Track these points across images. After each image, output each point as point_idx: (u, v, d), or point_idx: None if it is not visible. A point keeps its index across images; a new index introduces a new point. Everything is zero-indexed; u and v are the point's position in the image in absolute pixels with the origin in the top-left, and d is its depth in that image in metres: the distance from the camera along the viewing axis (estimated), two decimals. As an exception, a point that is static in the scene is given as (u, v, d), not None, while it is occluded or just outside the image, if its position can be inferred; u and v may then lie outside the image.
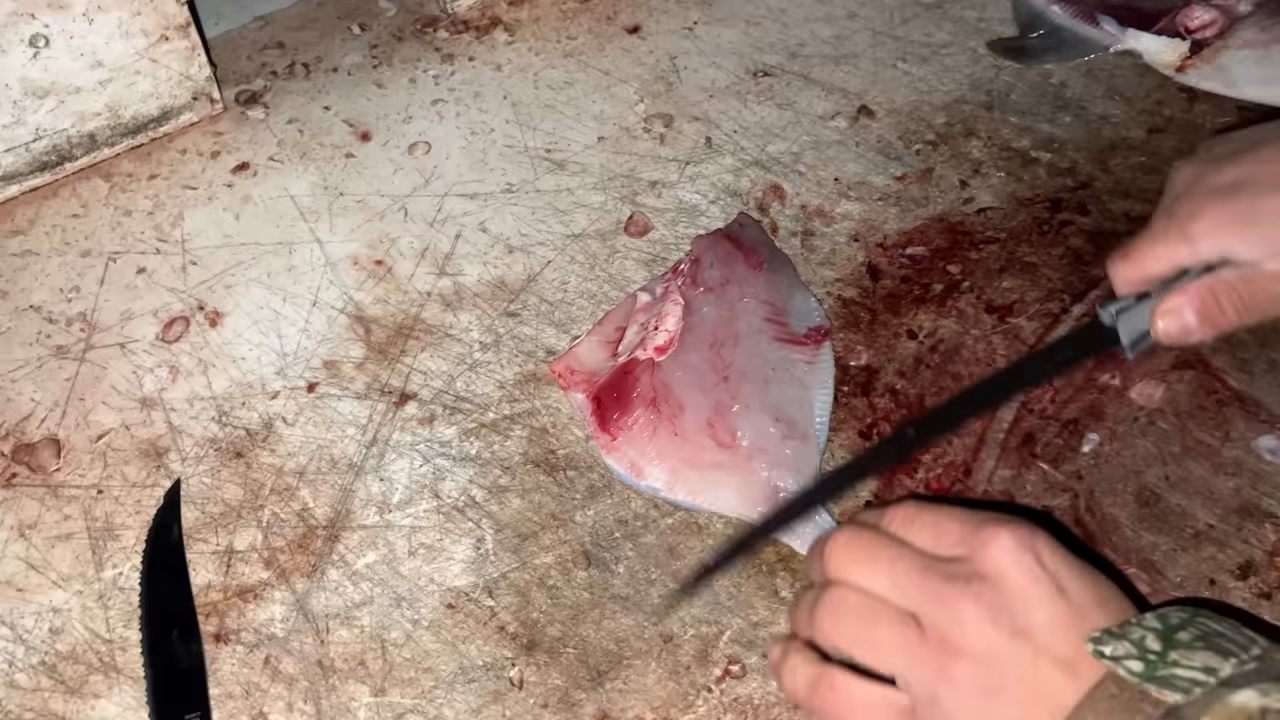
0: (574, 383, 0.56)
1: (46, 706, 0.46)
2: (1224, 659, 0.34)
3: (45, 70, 0.62)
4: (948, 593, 0.38)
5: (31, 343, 0.59)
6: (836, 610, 0.40)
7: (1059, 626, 0.37)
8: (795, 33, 0.77)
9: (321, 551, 0.51)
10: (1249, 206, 0.46)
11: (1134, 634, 0.36)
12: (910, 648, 0.38)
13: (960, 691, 0.37)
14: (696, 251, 0.59)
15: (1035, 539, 0.39)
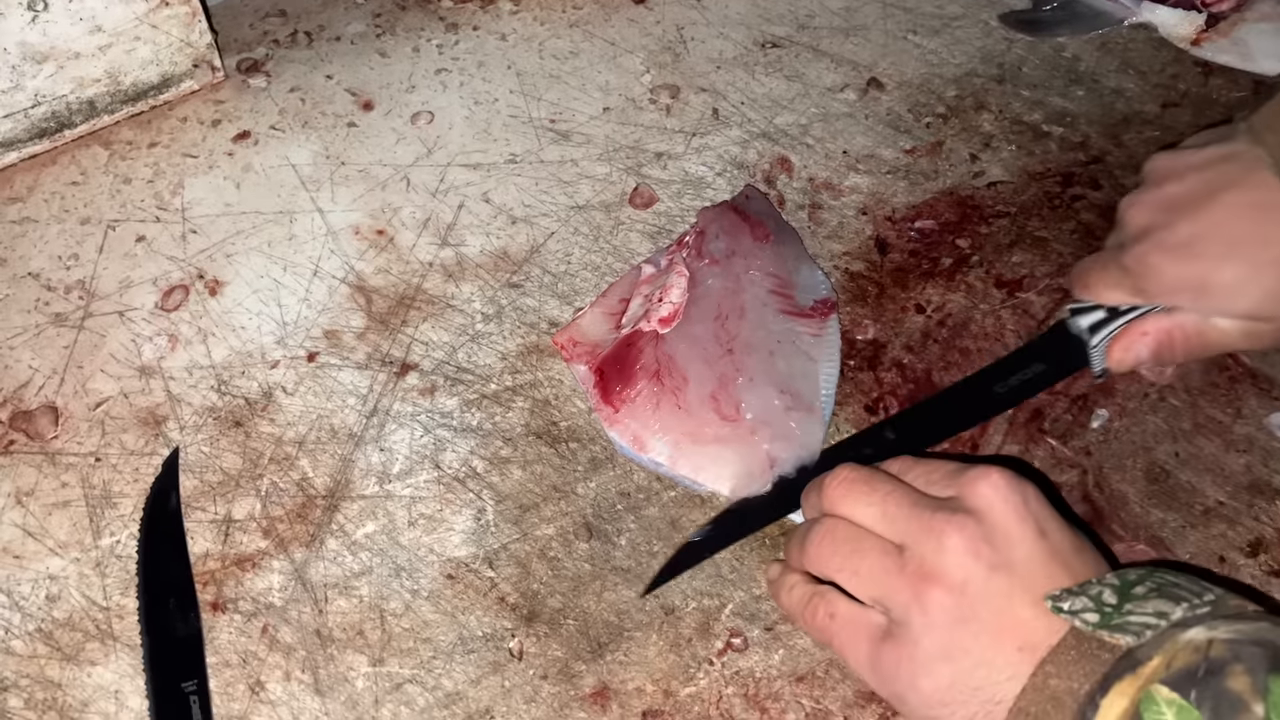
0: (577, 354, 0.55)
1: (43, 673, 0.46)
2: (1176, 604, 0.36)
3: (44, 35, 0.62)
4: (934, 523, 0.40)
5: (30, 310, 0.59)
6: (826, 539, 0.43)
7: (1037, 564, 0.39)
8: (804, 4, 0.76)
9: (320, 521, 0.51)
10: (1201, 276, 0.49)
11: (1092, 590, 0.37)
12: (891, 573, 0.40)
13: (931, 617, 0.39)
14: (702, 223, 0.58)
15: (1024, 485, 0.40)
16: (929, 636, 0.39)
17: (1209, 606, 0.36)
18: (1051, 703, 0.36)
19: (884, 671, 0.40)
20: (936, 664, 0.39)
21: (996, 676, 0.38)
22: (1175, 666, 0.33)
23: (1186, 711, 0.32)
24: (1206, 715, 0.32)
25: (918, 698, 0.39)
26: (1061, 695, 0.36)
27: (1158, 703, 0.33)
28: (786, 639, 0.47)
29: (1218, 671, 0.33)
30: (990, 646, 0.38)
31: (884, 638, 0.40)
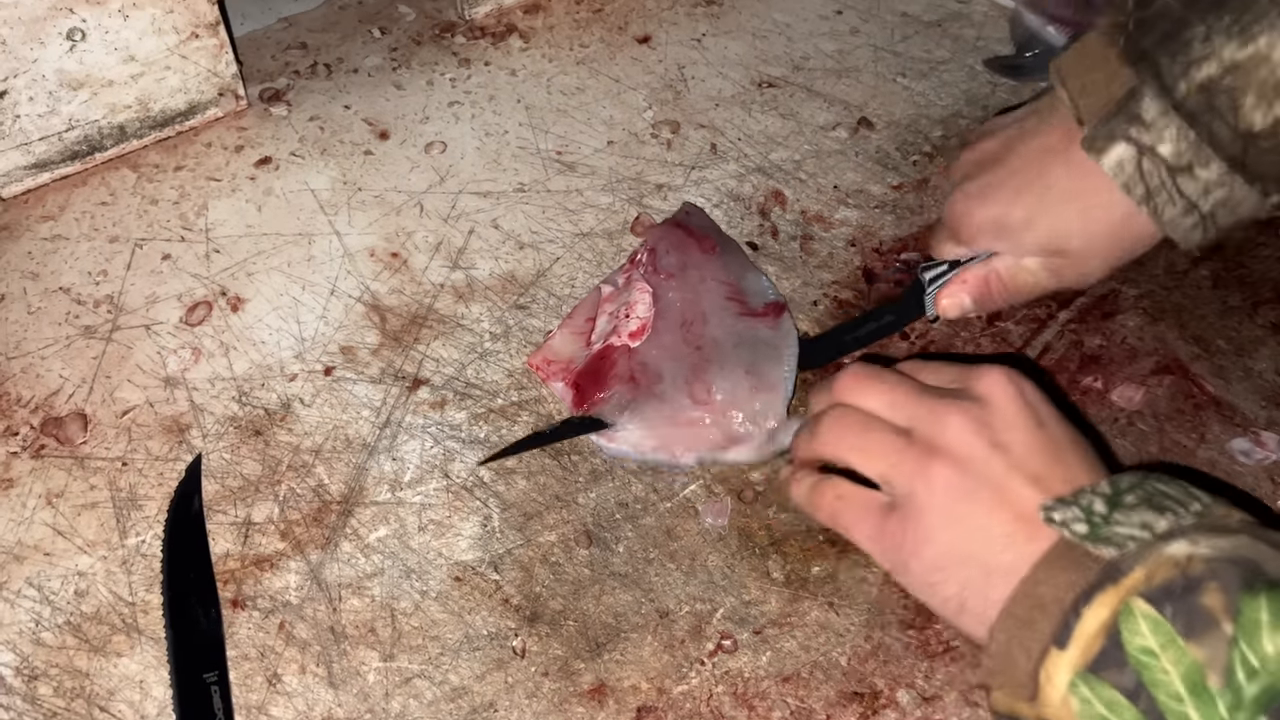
0: (552, 373, 0.59)
1: (71, 663, 0.49)
2: (1161, 515, 0.37)
3: (80, 63, 0.65)
4: (939, 407, 0.42)
5: (61, 322, 0.62)
6: (836, 424, 0.45)
7: (1034, 448, 0.41)
8: (800, 46, 0.80)
9: (335, 525, 0.54)
10: (997, 217, 0.53)
11: (1084, 500, 0.39)
12: (897, 451, 0.43)
13: (935, 488, 0.41)
14: (651, 241, 0.62)
15: (1024, 379, 0.43)
16: (932, 506, 0.41)
17: (1195, 518, 0.37)
18: (1038, 609, 0.37)
19: (888, 541, 0.42)
20: (938, 531, 0.41)
21: (993, 545, 0.40)
22: (1155, 581, 0.35)
23: (1160, 625, 0.34)
24: (1179, 630, 0.34)
25: (919, 564, 0.41)
26: (1048, 602, 0.37)
27: (1135, 616, 0.34)
28: (774, 642, 0.50)
29: (1193, 588, 0.34)
30: (988, 516, 0.40)
31: (889, 511, 0.43)
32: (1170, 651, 0.34)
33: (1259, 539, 0.36)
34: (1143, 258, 0.65)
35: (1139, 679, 0.34)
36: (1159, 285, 0.64)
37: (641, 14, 0.82)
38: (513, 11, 0.82)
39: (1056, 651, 0.36)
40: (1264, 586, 0.33)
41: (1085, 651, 0.35)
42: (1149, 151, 0.47)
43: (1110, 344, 0.61)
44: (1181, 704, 0.33)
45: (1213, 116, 0.45)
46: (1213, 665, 0.33)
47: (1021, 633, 0.38)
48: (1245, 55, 0.43)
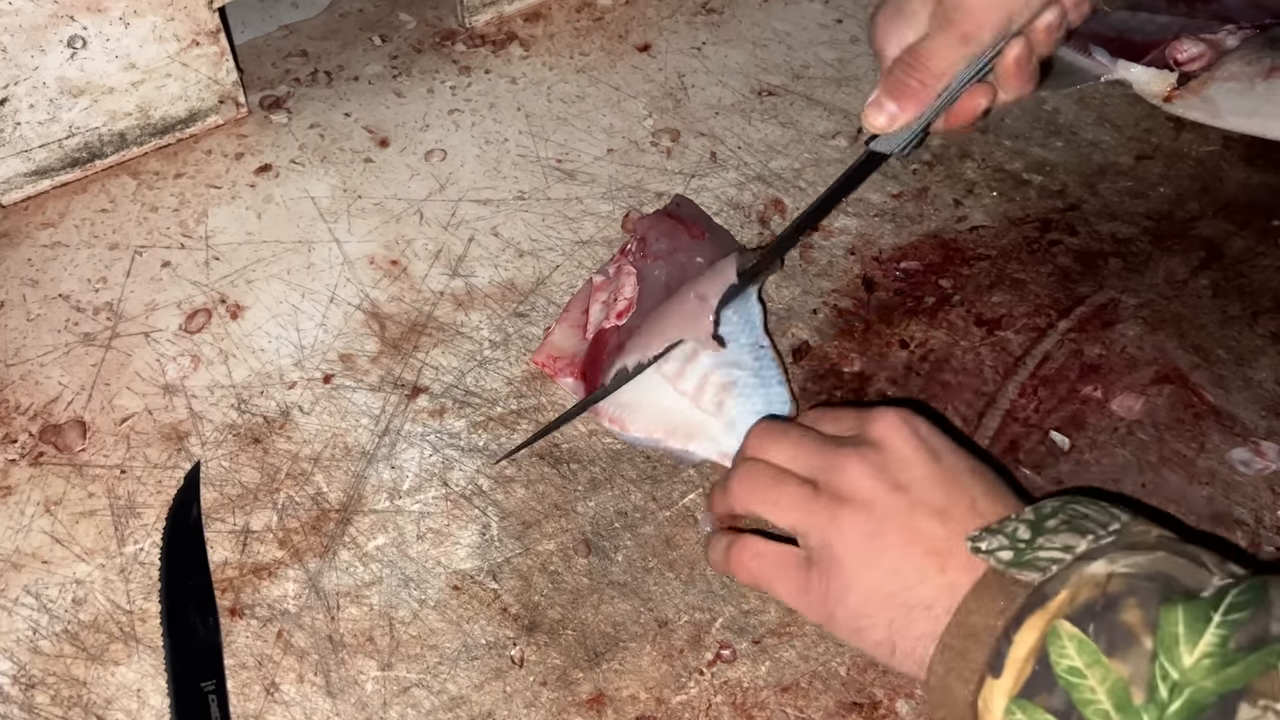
0: (558, 369, 0.59)
1: (68, 672, 0.49)
2: (1082, 537, 0.39)
3: (81, 70, 0.65)
4: (839, 456, 0.44)
5: (60, 329, 0.62)
6: (746, 478, 0.47)
7: (934, 483, 0.43)
8: (800, 55, 0.80)
9: (333, 533, 0.53)
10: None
11: (1008, 527, 0.40)
12: (806, 503, 0.44)
13: (847, 535, 0.43)
14: (641, 231, 0.63)
15: (916, 419, 0.45)
16: (847, 555, 0.43)
17: (1113, 536, 0.39)
18: (972, 638, 0.39)
19: (812, 595, 0.44)
20: (856, 578, 0.43)
21: (908, 581, 0.41)
22: (1077, 601, 0.36)
23: (1085, 644, 0.35)
24: (1102, 648, 0.35)
25: (845, 612, 0.43)
26: (980, 631, 0.38)
27: (1061, 637, 0.36)
28: (773, 652, 0.50)
29: (1113, 605, 0.35)
30: (900, 555, 0.42)
31: (808, 565, 0.44)
32: (1096, 670, 0.35)
33: (1174, 553, 0.37)
34: (1142, 268, 0.65)
35: (1069, 699, 0.35)
36: (1159, 295, 0.64)
37: (642, 22, 0.82)
38: (513, 19, 0.82)
39: (991, 680, 0.37)
40: (1180, 599, 0.34)
41: (1018, 677, 0.36)
42: None
43: (1110, 353, 0.61)
44: (1100, 711, 0.34)
45: None
46: (1136, 681, 0.34)
47: (957, 663, 0.39)
48: None
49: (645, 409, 0.56)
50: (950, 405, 0.59)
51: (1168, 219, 0.68)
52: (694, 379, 0.56)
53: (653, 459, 0.57)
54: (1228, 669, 0.33)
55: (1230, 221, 0.68)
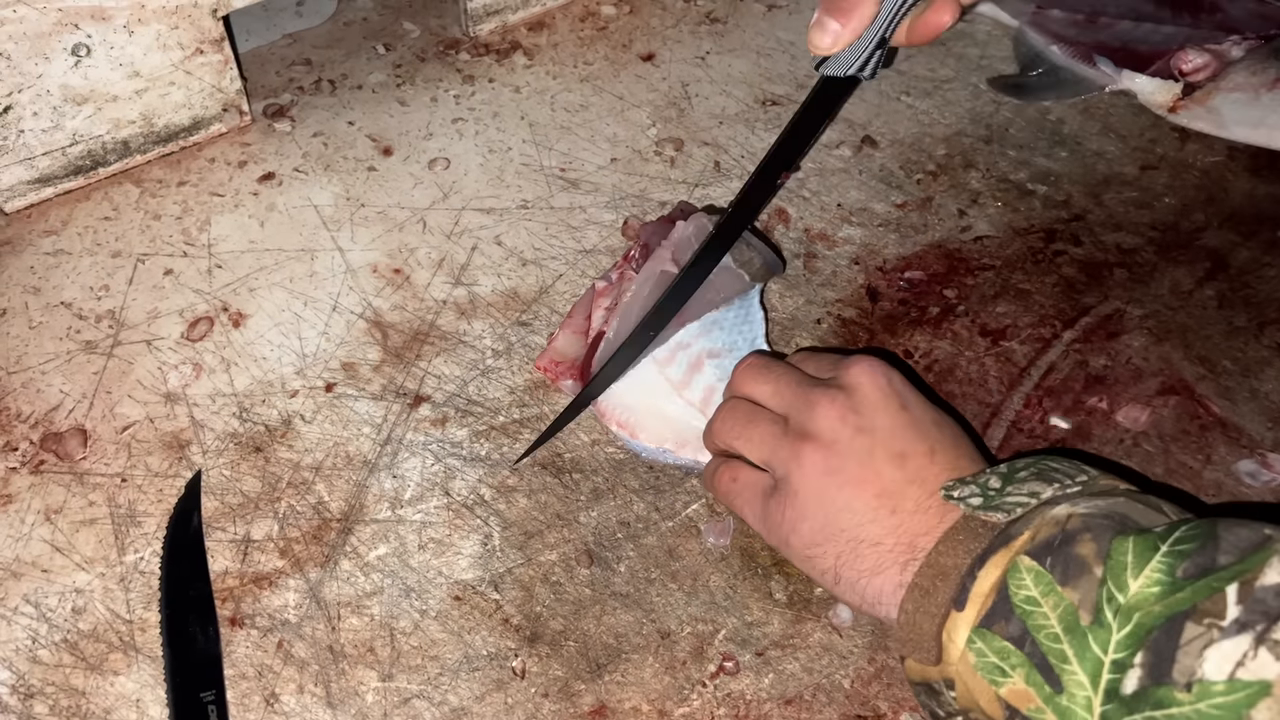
0: (560, 373, 0.59)
1: (67, 681, 0.48)
2: (1049, 485, 0.41)
3: (85, 78, 0.65)
4: (811, 395, 0.47)
5: (62, 337, 0.62)
6: (728, 414, 0.51)
7: (897, 429, 0.45)
8: (803, 64, 0.80)
9: (335, 543, 0.53)
10: None
11: (981, 479, 0.42)
12: (775, 439, 0.47)
13: (806, 469, 0.45)
14: (644, 237, 0.62)
15: (891, 370, 0.47)
16: (805, 487, 0.45)
17: (1080, 486, 0.40)
18: (940, 577, 0.41)
19: (770, 521, 0.47)
20: (811, 509, 0.45)
21: (859, 519, 0.44)
22: (1038, 538, 0.38)
23: (1041, 576, 0.37)
24: (1057, 578, 0.37)
25: (797, 540, 0.46)
26: (948, 569, 0.41)
27: (1020, 570, 0.38)
28: (776, 664, 0.49)
29: (1070, 540, 0.37)
30: (854, 495, 0.44)
31: (771, 493, 0.47)
32: (1050, 598, 0.37)
33: (1135, 500, 0.39)
34: (1147, 279, 0.65)
35: (1024, 626, 0.37)
36: (1164, 305, 0.64)
37: (646, 32, 0.82)
38: (517, 29, 0.82)
39: (956, 613, 0.39)
40: (1132, 533, 0.36)
41: (980, 609, 0.39)
42: None
43: (1115, 364, 0.61)
44: (1059, 643, 0.36)
45: None
46: (1084, 605, 0.36)
47: (925, 601, 0.41)
48: None
49: (652, 418, 0.56)
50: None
51: (1173, 229, 0.68)
52: (700, 389, 0.56)
53: (656, 469, 0.56)
54: (1176, 594, 0.34)
55: (1236, 232, 0.68)
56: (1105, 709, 0.34)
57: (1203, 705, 0.32)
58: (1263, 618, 0.32)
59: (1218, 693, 0.31)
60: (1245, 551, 0.34)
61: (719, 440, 0.51)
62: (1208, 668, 0.32)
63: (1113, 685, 0.34)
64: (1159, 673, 0.33)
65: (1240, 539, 0.34)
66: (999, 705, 0.38)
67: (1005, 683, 0.37)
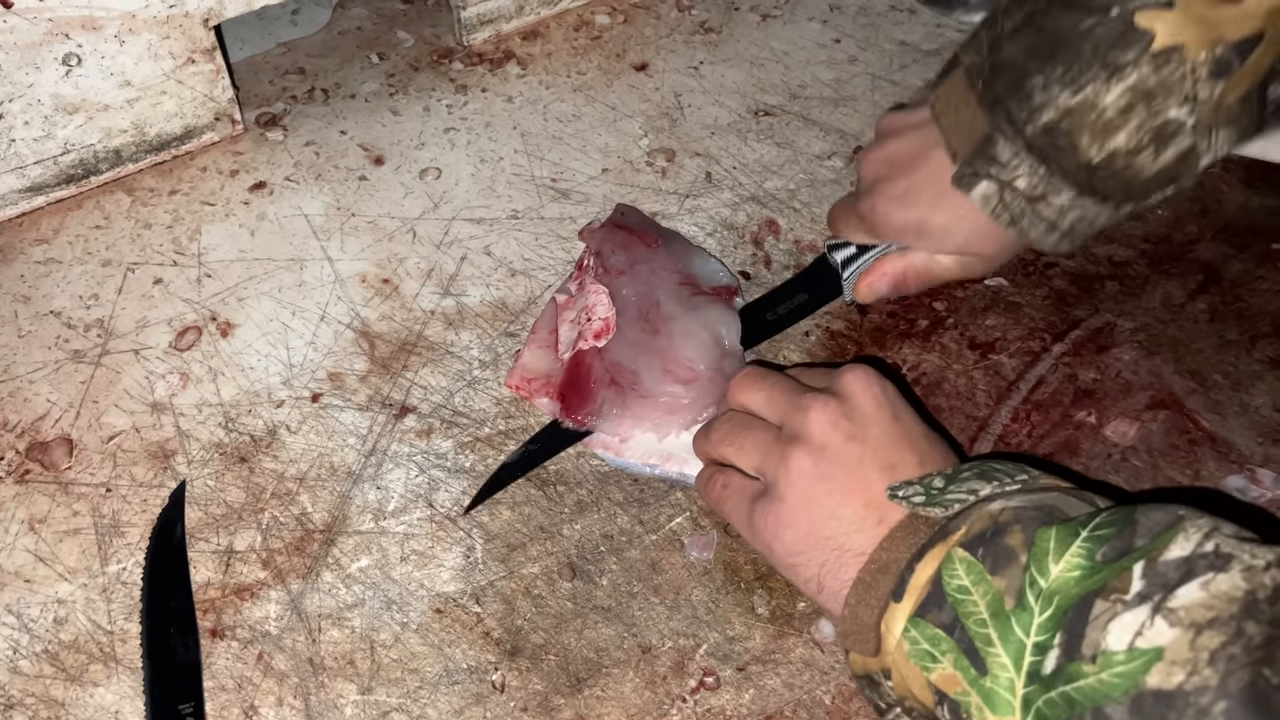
0: (534, 390, 0.59)
1: (47, 693, 0.48)
2: (988, 483, 0.41)
3: (76, 88, 0.65)
4: (803, 401, 0.47)
5: (50, 346, 0.62)
6: (721, 423, 0.51)
7: (888, 440, 0.45)
8: (797, 75, 0.79)
9: (317, 554, 0.53)
10: (919, 221, 0.56)
11: (926, 480, 0.43)
12: (766, 445, 0.47)
13: (793, 474, 0.45)
14: (595, 245, 0.63)
15: (884, 380, 0.48)
16: (791, 492, 0.45)
17: (1019, 485, 0.41)
18: (882, 571, 0.42)
19: (756, 525, 0.47)
20: (797, 516, 0.45)
21: (846, 528, 0.44)
22: (972, 532, 0.39)
23: (974, 566, 0.38)
24: (988, 567, 0.38)
25: (781, 546, 0.46)
26: (889, 564, 0.42)
27: (954, 561, 0.39)
28: (757, 679, 0.49)
29: (1001, 531, 0.38)
30: (841, 502, 0.44)
31: (758, 497, 0.47)
32: (980, 586, 0.38)
33: (1069, 494, 0.40)
34: (1138, 292, 0.65)
35: (955, 614, 0.38)
36: (1155, 319, 0.63)
37: (639, 42, 0.82)
38: (511, 38, 0.82)
39: (894, 605, 0.40)
40: (1058, 523, 0.37)
41: (916, 600, 0.39)
42: (1008, 186, 0.52)
43: (1105, 378, 0.61)
44: (985, 628, 0.37)
45: (1057, 153, 0.50)
46: (1009, 591, 0.37)
47: (867, 594, 0.42)
48: (1077, 102, 0.48)
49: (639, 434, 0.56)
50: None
51: (1165, 242, 0.68)
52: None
53: (640, 482, 0.56)
54: (1093, 577, 0.35)
55: (1228, 245, 0.67)
56: (1027, 690, 0.35)
57: (1105, 675, 0.33)
58: (1161, 588, 0.33)
59: (1118, 662, 0.33)
60: (1157, 532, 0.35)
61: (712, 450, 0.51)
62: (1110, 639, 0.33)
63: (1034, 667, 0.35)
64: (1071, 650, 0.34)
65: (1155, 521, 0.35)
66: (929, 691, 0.39)
67: (935, 668, 0.38)
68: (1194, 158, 0.49)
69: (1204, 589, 0.32)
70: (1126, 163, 0.49)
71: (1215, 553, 0.33)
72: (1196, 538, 0.34)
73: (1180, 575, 0.33)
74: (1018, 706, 0.35)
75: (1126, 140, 0.48)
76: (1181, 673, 0.31)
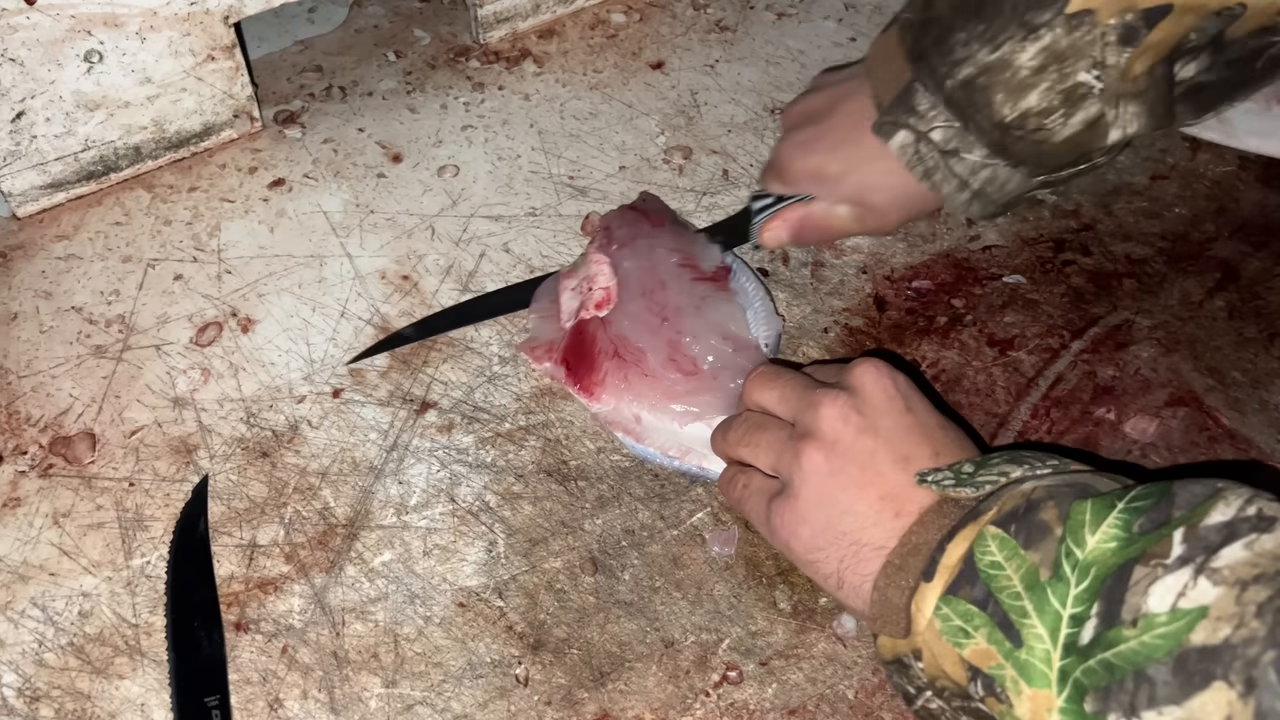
0: (538, 355, 0.60)
1: (73, 685, 0.49)
2: (1019, 467, 0.41)
3: (97, 84, 0.66)
4: (814, 397, 0.47)
5: (72, 342, 0.62)
6: (740, 424, 0.51)
7: (901, 431, 0.45)
8: (813, 73, 0.79)
9: (340, 549, 0.53)
10: (816, 167, 0.59)
11: (955, 465, 0.43)
12: (780, 443, 0.47)
13: (807, 470, 0.45)
14: (605, 222, 0.64)
15: (896, 372, 0.47)
16: (806, 489, 0.45)
17: (1050, 469, 0.41)
18: (912, 554, 0.42)
19: (774, 524, 0.47)
20: (813, 512, 0.45)
21: (862, 522, 0.44)
22: (1004, 510, 0.39)
23: (1006, 542, 0.38)
24: (1021, 542, 0.37)
25: (799, 544, 0.46)
26: (920, 545, 0.42)
27: (986, 539, 0.38)
28: (780, 674, 0.49)
29: (1034, 508, 0.38)
30: (856, 496, 0.44)
31: (775, 496, 0.47)
32: (1014, 561, 0.37)
33: (1101, 475, 0.40)
34: (1156, 289, 0.65)
35: (988, 589, 0.38)
36: (1173, 316, 0.63)
37: (655, 40, 0.82)
38: (527, 36, 0.82)
39: (925, 585, 0.40)
40: (1092, 497, 0.37)
41: (947, 579, 0.39)
42: (924, 137, 0.54)
43: (1124, 375, 0.61)
44: (1020, 600, 0.37)
45: (973, 109, 0.52)
46: (1045, 563, 0.37)
47: (897, 576, 0.42)
48: (994, 59, 0.50)
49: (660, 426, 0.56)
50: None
51: (1183, 240, 0.68)
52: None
53: (661, 477, 0.56)
54: (1131, 546, 0.35)
55: (1246, 243, 0.67)
56: (1064, 663, 0.35)
57: (1146, 637, 0.32)
58: (1203, 551, 0.33)
59: (1160, 624, 0.32)
60: (1196, 503, 0.35)
61: (730, 451, 0.52)
62: (1151, 602, 0.33)
63: (1071, 639, 0.35)
64: (1110, 618, 0.34)
65: (1193, 494, 0.35)
66: (962, 667, 0.38)
67: (968, 644, 0.38)
68: (1102, 127, 0.50)
69: (1248, 549, 0.32)
70: (1037, 124, 0.51)
71: (1258, 515, 0.33)
72: (1237, 504, 0.34)
73: (1222, 538, 0.33)
74: (1054, 679, 0.35)
75: (1038, 100, 0.50)
76: (1228, 627, 0.31)
